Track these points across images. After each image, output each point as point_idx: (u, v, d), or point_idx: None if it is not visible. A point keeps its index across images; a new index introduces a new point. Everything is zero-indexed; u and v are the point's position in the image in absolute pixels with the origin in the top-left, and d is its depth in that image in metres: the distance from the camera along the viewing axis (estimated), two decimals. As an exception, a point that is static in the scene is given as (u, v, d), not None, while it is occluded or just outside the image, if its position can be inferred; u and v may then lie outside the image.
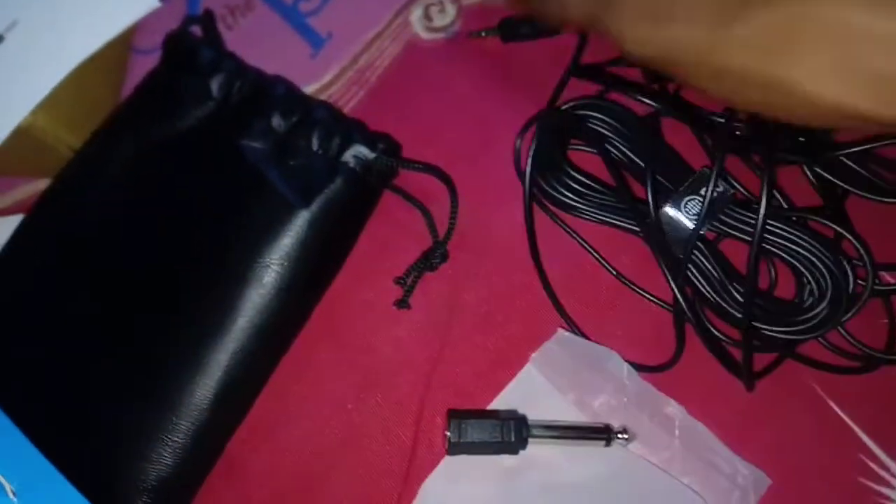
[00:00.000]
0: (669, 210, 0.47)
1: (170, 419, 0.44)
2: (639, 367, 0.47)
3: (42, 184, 0.52)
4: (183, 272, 0.47)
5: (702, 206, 0.46)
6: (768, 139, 0.47)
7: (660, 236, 0.46)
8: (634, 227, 0.47)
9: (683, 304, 0.45)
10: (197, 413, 0.45)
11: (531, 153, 0.48)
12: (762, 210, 0.43)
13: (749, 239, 0.46)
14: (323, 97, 0.55)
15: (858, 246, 0.45)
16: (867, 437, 0.46)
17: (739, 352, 0.46)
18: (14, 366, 0.47)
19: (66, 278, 0.48)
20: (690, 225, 0.46)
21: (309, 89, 0.56)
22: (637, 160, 0.48)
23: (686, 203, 0.47)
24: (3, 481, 0.42)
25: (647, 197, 0.46)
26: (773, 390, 0.47)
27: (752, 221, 0.46)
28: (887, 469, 0.45)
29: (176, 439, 0.44)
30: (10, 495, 0.42)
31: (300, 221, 0.47)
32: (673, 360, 0.47)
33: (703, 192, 0.46)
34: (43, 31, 0.50)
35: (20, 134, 0.49)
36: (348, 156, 0.48)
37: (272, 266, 0.46)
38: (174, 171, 0.49)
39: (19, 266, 0.49)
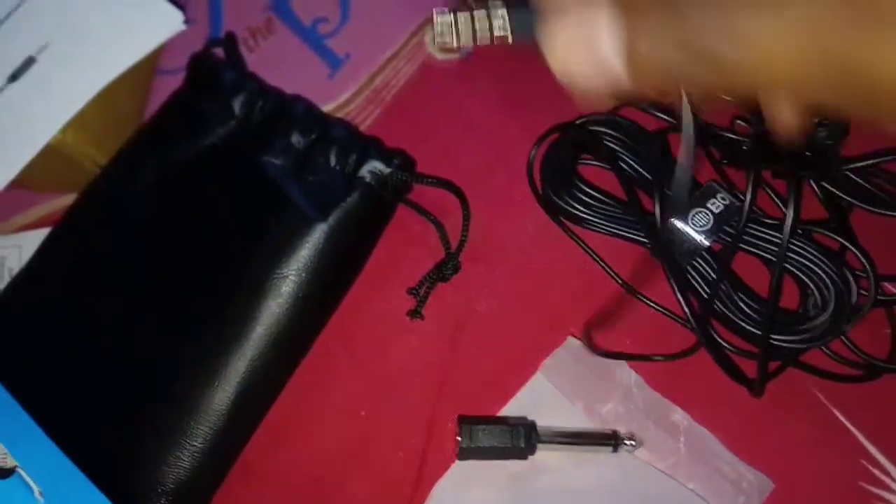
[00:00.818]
0: (677, 222, 0.48)
1: (189, 424, 0.46)
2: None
3: (68, 199, 0.54)
4: (204, 283, 0.49)
5: (709, 219, 0.47)
6: (797, 159, 0.48)
7: (667, 248, 0.47)
8: (643, 239, 0.49)
9: (687, 310, 0.46)
10: (215, 418, 0.46)
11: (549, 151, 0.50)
12: (787, 230, 0.44)
13: (757, 252, 0.47)
14: (341, 115, 0.57)
15: (862, 258, 0.46)
16: (869, 443, 0.46)
17: (741, 359, 0.47)
18: (40, 372, 0.48)
19: (90, 288, 0.50)
20: (697, 237, 0.47)
21: (327, 108, 0.57)
22: (646, 174, 0.49)
23: (694, 216, 0.48)
24: (32, 483, 0.44)
25: (654, 209, 0.47)
26: (777, 397, 0.47)
27: (761, 234, 0.47)
28: (889, 474, 0.45)
29: (195, 444, 0.46)
30: (38, 496, 0.44)
31: (318, 234, 0.48)
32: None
33: (710, 204, 0.48)
34: (73, 52, 0.53)
35: (50, 150, 0.51)
36: (364, 171, 0.50)
37: (290, 277, 0.48)
38: (197, 187, 0.51)
39: (46, 276, 0.51)
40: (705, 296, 0.47)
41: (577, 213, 0.50)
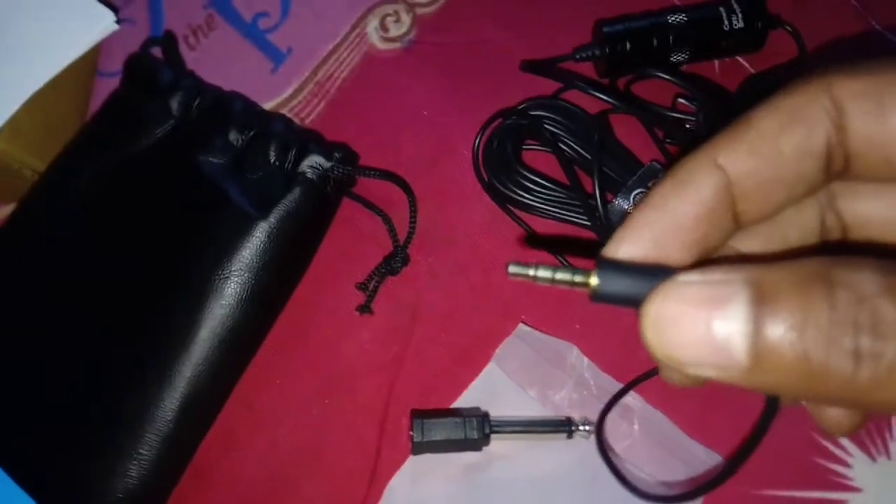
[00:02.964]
0: (620, 204, 0.47)
1: (135, 433, 0.45)
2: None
3: (6, 210, 0.53)
4: (146, 288, 0.48)
5: (652, 198, 0.47)
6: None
7: (609, 229, 0.47)
8: (586, 222, 0.48)
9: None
10: (162, 426, 0.45)
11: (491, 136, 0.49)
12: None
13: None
14: (285, 110, 0.56)
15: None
16: (821, 418, 0.46)
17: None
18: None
19: (30, 300, 0.49)
20: (640, 217, 0.47)
21: (271, 104, 0.56)
22: (586, 155, 0.49)
23: (635, 196, 0.47)
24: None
25: (593, 190, 0.46)
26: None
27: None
28: (844, 449, 0.45)
29: (143, 452, 0.45)
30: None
31: (259, 233, 0.48)
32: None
33: (651, 185, 0.47)
34: (1, 56, 0.51)
35: (-18, 159, 0.50)
36: (305, 166, 0.49)
37: (232, 277, 0.47)
38: (136, 190, 0.50)
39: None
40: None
41: (521, 199, 0.49)
